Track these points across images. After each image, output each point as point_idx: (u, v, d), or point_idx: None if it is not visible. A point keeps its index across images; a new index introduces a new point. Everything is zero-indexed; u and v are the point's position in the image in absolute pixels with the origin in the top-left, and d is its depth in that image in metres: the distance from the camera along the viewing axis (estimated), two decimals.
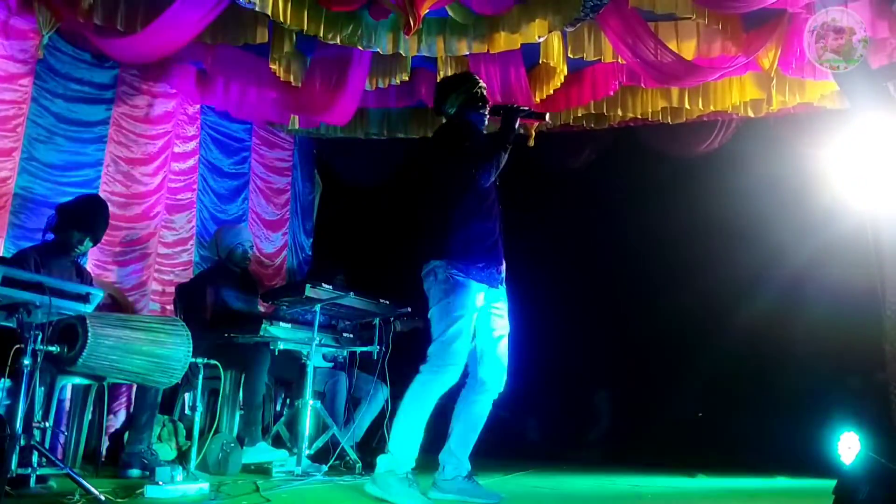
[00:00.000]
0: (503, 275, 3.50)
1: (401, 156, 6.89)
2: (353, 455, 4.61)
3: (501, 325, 3.48)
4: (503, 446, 6.30)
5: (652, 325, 6.44)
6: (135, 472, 3.92)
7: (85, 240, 4.10)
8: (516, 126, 3.54)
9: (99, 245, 5.25)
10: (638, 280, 6.68)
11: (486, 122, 3.69)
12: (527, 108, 3.69)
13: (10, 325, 3.06)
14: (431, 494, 3.34)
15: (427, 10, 4.60)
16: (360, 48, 5.20)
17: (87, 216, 4.12)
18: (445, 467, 3.37)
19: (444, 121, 3.75)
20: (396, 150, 6.82)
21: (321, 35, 4.97)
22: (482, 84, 3.73)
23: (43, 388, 3.29)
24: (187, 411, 4.84)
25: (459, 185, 3.38)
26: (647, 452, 6.10)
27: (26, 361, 2.97)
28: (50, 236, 4.08)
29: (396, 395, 3.45)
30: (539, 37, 5.04)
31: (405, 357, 3.32)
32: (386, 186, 7.04)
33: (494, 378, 3.42)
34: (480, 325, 3.41)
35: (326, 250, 7.45)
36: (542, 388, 6.98)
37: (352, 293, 4.58)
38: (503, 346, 3.46)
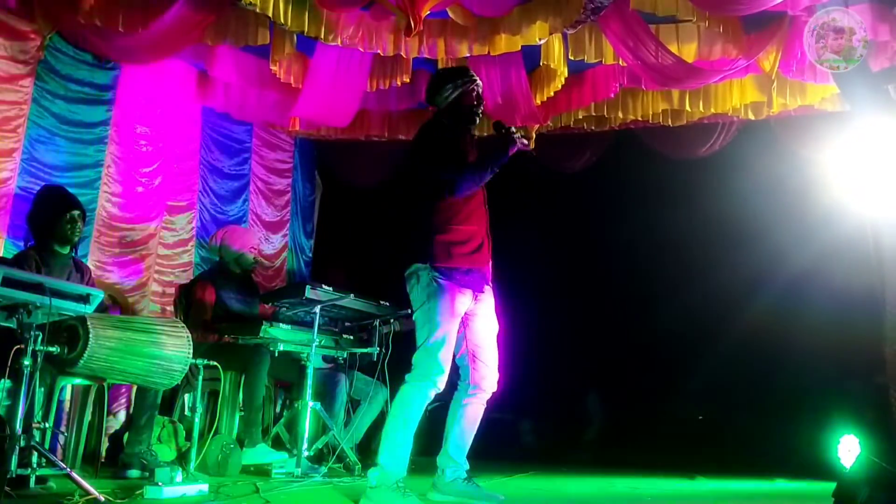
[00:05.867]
0: (489, 276, 3.44)
1: (401, 157, 6.88)
2: (352, 456, 4.61)
3: (489, 326, 3.42)
4: (501, 448, 6.32)
5: (652, 327, 6.44)
6: (134, 473, 3.92)
7: (76, 213, 4.08)
8: (509, 154, 3.32)
9: (99, 246, 5.28)
10: (638, 282, 6.67)
11: (478, 122, 3.55)
12: (526, 144, 3.41)
13: (11, 325, 3.07)
14: (431, 496, 3.34)
15: (428, 12, 4.61)
16: (360, 50, 5.21)
17: (59, 199, 4.10)
18: (445, 471, 3.36)
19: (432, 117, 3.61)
20: (397, 152, 6.82)
21: (322, 36, 4.98)
22: (479, 82, 3.54)
23: (43, 389, 3.29)
24: (187, 412, 4.83)
25: (440, 188, 3.28)
26: (646, 454, 6.10)
27: (26, 362, 2.97)
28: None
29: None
30: (540, 39, 5.05)
31: (405, 358, 3.29)
32: (386, 188, 7.04)
33: (486, 380, 3.38)
34: (469, 328, 3.37)
35: (327, 252, 7.45)
36: (542, 389, 6.98)
37: (352, 294, 4.58)
38: (493, 348, 3.42)
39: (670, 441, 6.22)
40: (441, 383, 3.19)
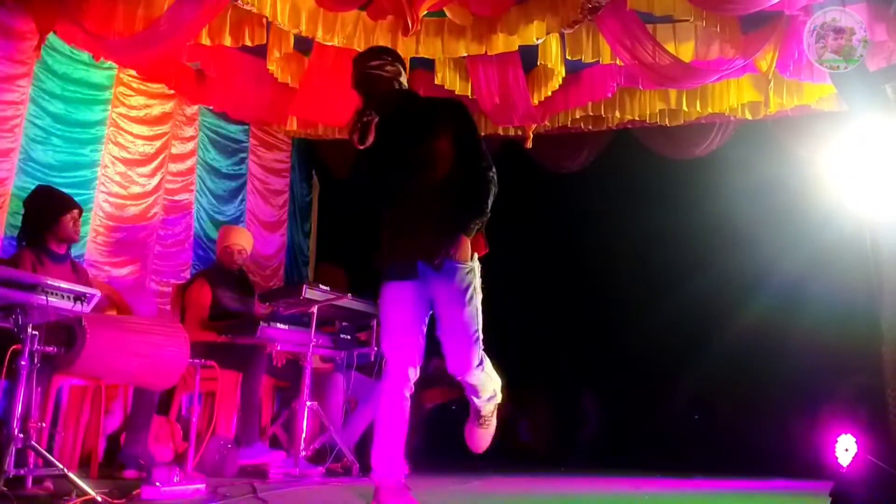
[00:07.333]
0: (435, 261, 3.03)
1: None
2: (350, 457, 4.61)
3: (441, 313, 3.09)
4: (498, 448, 6.32)
5: (649, 327, 6.44)
6: (132, 473, 3.91)
7: (76, 212, 4.08)
8: None
9: (96, 245, 5.27)
10: (635, 282, 6.68)
11: (366, 101, 3.23)
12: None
13: (7, 325, 3.06)
14: None
15: (425, 12, 4.60)
16: (358, 50, 5.20)
17: (60, 198, 4.10)
18: None
19: None
20: None
21: (319, 36, 4.98)
22: (359, 71, 3.28)
23: (40, 389, 3.28)
24: (184, 412, 4.83)
25: None
26: (642, 454, 6.10)
27: (23, 362, 2.97)
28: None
29: None
30: (537, 38, 5.06)
31: None
32: None
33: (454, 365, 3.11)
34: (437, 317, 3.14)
35: (325, 251, 7.44)
36: (539, 389, 6.99)
37: (349, 294, 4.58)
38: (453, 333, 3.06)
39: (667, 440, 6.23)
40: (395, 372, 3.05)
